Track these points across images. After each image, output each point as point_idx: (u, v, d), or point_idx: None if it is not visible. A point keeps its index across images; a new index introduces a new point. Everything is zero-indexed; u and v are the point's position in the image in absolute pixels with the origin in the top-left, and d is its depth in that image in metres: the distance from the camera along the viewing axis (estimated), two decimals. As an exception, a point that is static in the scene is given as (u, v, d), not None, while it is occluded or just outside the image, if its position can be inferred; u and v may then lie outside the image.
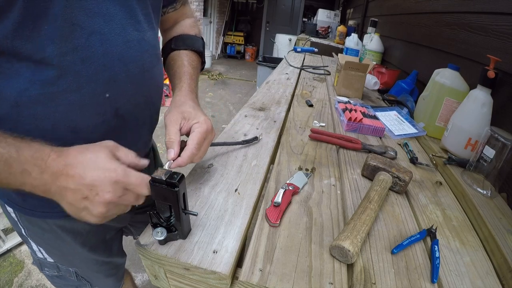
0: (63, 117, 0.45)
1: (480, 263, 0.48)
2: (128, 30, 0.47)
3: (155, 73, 0.56)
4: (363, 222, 0.48)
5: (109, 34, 0.44)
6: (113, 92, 0.47)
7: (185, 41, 0.66)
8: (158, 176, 0.38)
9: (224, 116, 3.86)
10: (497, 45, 0.85)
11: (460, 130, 0.80)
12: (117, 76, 0.47)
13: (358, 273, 0.43)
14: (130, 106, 0.52)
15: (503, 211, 0.61)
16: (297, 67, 1.81)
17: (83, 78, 0.44)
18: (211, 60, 6.51)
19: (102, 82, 0.46)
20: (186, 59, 0.63)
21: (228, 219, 0.49)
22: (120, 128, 0.52)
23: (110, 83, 0.46)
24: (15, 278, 1.47)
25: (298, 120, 0.96)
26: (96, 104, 0.46)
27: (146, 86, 0.54)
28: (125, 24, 0.47)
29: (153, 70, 0.55)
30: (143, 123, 0.59)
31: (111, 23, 0.44)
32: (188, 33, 0.69)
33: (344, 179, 0.66)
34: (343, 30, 3.34)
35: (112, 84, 0.47)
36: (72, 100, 0.44)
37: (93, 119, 0.47)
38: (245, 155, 0.70)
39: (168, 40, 0.68)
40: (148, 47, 0.52)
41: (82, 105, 0.45)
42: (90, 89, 0.45)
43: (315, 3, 6.99)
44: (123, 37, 0.46)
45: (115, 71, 0.47)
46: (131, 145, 0.52)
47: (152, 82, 0.56)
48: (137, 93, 0.52)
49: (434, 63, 1.24)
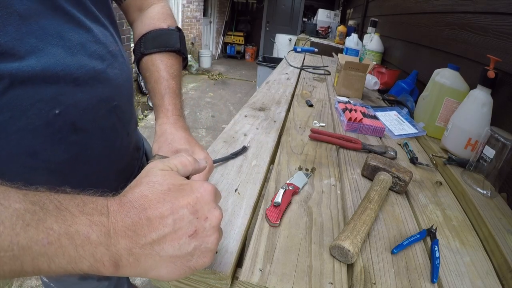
0: (17, 144, 0.40)
1: (480, 263, 0.48)
2: (66, 35, 0.42)
3: (113, 71, 0.49)
4: (363, 222, 0.48)
5: (45, 48, 0.39)
6: (62, 107, 0.41)
7: (156, 40, 0.55)
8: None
9: (224, 116, 3.86)
10: (497, 45, 0.85)
11: (460, 130, 0.80)
12: (63, 89, 0.41)
13: (358, 273, 0.43)
14: (89, 116, 0.45)
15: (503, 211, 0.61)
16: (297, 67, 1.81)
17: (25, 101, 0.38)
18: (211, 60, 6.51)
19: (46, 100, 0.40)
20: (163, 68, 0.53)
21: (228, 219, 0.49)
22: (84, 142, 0.46)
23: (56, 98, 0.41)
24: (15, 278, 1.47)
25: (298, 120, 0.96)
26: (46, 124, 0.41)
27: (103, 89, 0.47)
28: (62, 30, 0.41)
29: (109, 69, 0.48)
30: (113, 129, 0.51)
31: (44, 36, 0.39)
32: (158, 27, 0.56)
33: (344, 179, 0.66)
34: (343, 30, 3.34)
35: (60, 98, 0.41)
36: (21, 126, 0.39)
37: (49, 139, 0.42)
38: (245, 155, 0.70)
39: (137, 41, 0.56)
40: (97, 47, 0.46)
41: (32, 129, 0.40)
42: (35, 111, 0.39)
43: (315, 3, 7.00)
44: (62, 45, 0.41)
45: (60, 85, 0.41)
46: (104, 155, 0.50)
47: (111, 83, 0.48)
48: (93, 100, 0.45)
49: (434, 63, 1.24)
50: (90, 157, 0.48)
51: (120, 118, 0.53)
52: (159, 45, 0.55)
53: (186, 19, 5.61)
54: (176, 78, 0.54)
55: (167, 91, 0.52)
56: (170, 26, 0.58)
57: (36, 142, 0.41)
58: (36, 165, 0.38)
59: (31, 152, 0.41)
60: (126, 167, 0.59)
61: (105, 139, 0.50)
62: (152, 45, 0.54)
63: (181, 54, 0.58)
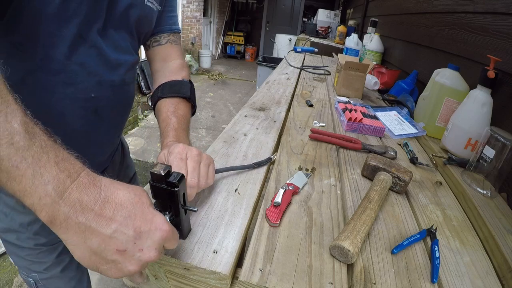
0: (57, 103, 0.51)
1: (480, 263, 0.48)
2: (119, 52, 0.57)
3: (131, 88, 0.66)
4: (363, 222, 0.48)
5: (104, 50, 0.53)
6: (97, 94, 0.56)
7: (171, 88, 0.67)
8: (157, 172, 0.38)
9: (224, 116, 3.86)
10: (497, 45, 0.85)
11: (460, 130, 0.80)
12: (104, 83, 0.56)
13: (358, 273, 0.43)
14: (108, 108, 0.60)
15: (503, 211, 0.61)
16: (297, 67, 1.81)
17: (79, 77, 0.51)
18: (211, 60, 6.51)
19: (91, 84, 0.54)
20: (171, 110, 0.63)
21: (228, 219, 0.49)
22: (96, 124, 0.59)
23: (97, 86, 0.55)
24: (15, 278, 1.47)
25: (298, 120, 0.96)
26: (83, 99, 0.54)
27: (122, 96, 0.63)
28: (118, 47, 0.57)
29: (130, 85, 0.65)
30: (114, 123, 0.67)
31: (108, 44, 0.54)
32: (175, 79, 0.69)
33: (344, 179, 0.66)
34: (343, 30, 3.34)
35: (99, 87, 0.55)
36: (68, 92, 0.51)
37: (78, 110, 0.54)
38: (245, 155, 0.70)
39: (156, 88, 0.69)
40: (130, 67, 0.62)
41: (74, 97, 0.53)
42: (82, 87, 0.53)
43: (315, 3, 6.99)
44: (115, 56, 0.56)
45: (104, 79, 0.56)
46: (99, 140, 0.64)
47: (128, 95, 0.65)
48: (115, 100, 0.61)
49: (434, 63, 1.24)
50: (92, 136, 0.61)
51: (122, 120, 0.70)
52: (173, 91, 0.67)
53: (186, 19, 5.60)
54: (181, 118, 0.63)
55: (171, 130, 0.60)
56: (184, 78, 0.71)
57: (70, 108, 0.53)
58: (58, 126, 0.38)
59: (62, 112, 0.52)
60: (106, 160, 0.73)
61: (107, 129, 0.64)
62: (167, 91, 0.67)
63: (190, 101, 0.69)
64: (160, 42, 0.71)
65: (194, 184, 0.46)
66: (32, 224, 0.64)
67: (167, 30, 0.72)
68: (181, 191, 0.39)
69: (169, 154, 0.49)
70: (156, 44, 0.71)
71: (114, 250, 0.30)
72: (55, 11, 0.44)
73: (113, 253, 0.30)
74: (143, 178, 2.40)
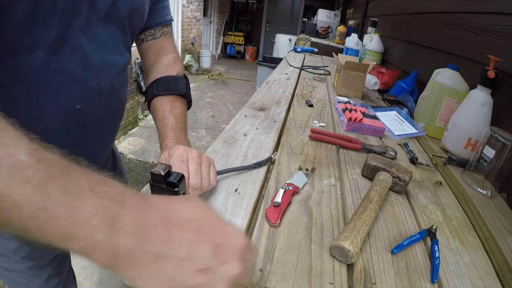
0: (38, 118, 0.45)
1: (480, 263, 0.48)
2: (107, 52, 0.51)
3: (122, 93, 0.60)
4: (363, 222, 0.48)
5: (88, 51, 0.47)
6: (83, 104, 0.49)
7: (166, 85, 0.64)
8: (157, 171, 0.38)
9: (224, 116, 3.86)
10: (497, 45, 0.85)
11: (460, 130, 0.80)
12: (90, 90, 0.49)
13: (358, 273, 0.43)
14: (96, 119, 0.54)
15: (503, 211, 0.61)
16: (297, 67, 1.81)
17: (60, 86, 0.45)
18: (211, 60, 6.51)
19: (76, 93, 0.47)
20: (168, 108, 0.61)
21: (228, 219, 0.49)
22: (82, 137, 0.53)
23: (82, 94, 0.48)
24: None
25: (298, 120, 0.96)
26: (68, 111, 0.48)
27: (112, 104, 0.57)
28: (105, 46, 0.51)
29: (120, 91, 0.59)
30: (104, 134, 0.61)
31: (93, 44, 0.48)
32: (169, 74, 0.66)
33: (344, 179, 0.66)
34: (343, 30, 3.34)
35: (84, 96, 0.49)
36: (49, 104, 0.45)
37: (63, 124, 0.48)
38: (245, 155, 0.70)
39: (150, 84, 0.66)
40: (120, 70, 0.56)
41: (57, 109, 0.46)
42: (65, 97, 0.46)
43: (315, 3, 6.99)
44: (102, 57, 0.50)
45: (89, 85, 0.49)
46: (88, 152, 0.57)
47: (118, 101, 0.60)
48: (104, 109, 0.55)
49: (434, 63, 1.24)
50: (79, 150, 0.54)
51: (113, 129, 0.64)
52: (168, 88, 0.64)
53: (186, 19, 5.60)
54: (178, 116, 0.61)
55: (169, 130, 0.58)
56: (179, 73, 0.68)
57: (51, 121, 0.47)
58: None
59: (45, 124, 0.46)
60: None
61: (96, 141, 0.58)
62: (162, 88, 0.64)
63: (186, 97, 0.67)
64: (155, 35, 0.67)
65: (197, 186, 0.46)
66: (19, 249, 0.62)
67: (162, 22, 0.67)
68: (181, 191, 0.39)
69: (170, 156, 0.49)
70: (150, 38, 0.67)
71: (195, 271, 0.25)
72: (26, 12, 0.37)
73: (195, 275, 0.25)
74: (143, 178, 2.40)
